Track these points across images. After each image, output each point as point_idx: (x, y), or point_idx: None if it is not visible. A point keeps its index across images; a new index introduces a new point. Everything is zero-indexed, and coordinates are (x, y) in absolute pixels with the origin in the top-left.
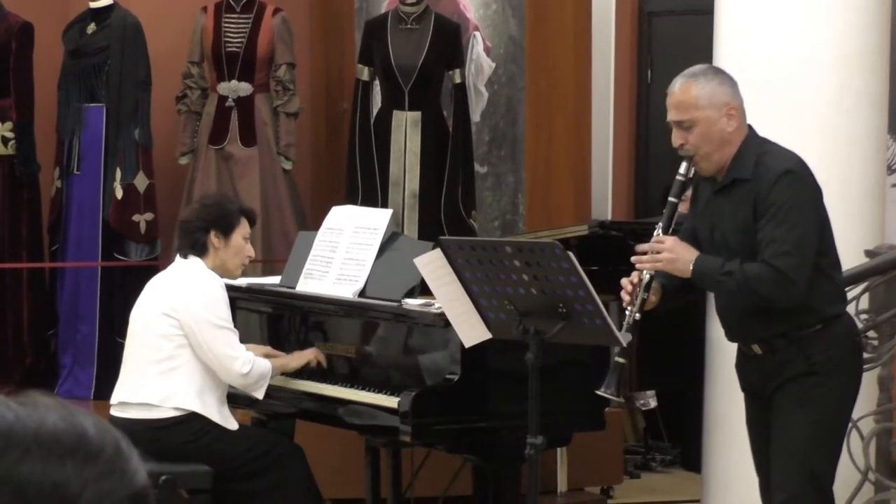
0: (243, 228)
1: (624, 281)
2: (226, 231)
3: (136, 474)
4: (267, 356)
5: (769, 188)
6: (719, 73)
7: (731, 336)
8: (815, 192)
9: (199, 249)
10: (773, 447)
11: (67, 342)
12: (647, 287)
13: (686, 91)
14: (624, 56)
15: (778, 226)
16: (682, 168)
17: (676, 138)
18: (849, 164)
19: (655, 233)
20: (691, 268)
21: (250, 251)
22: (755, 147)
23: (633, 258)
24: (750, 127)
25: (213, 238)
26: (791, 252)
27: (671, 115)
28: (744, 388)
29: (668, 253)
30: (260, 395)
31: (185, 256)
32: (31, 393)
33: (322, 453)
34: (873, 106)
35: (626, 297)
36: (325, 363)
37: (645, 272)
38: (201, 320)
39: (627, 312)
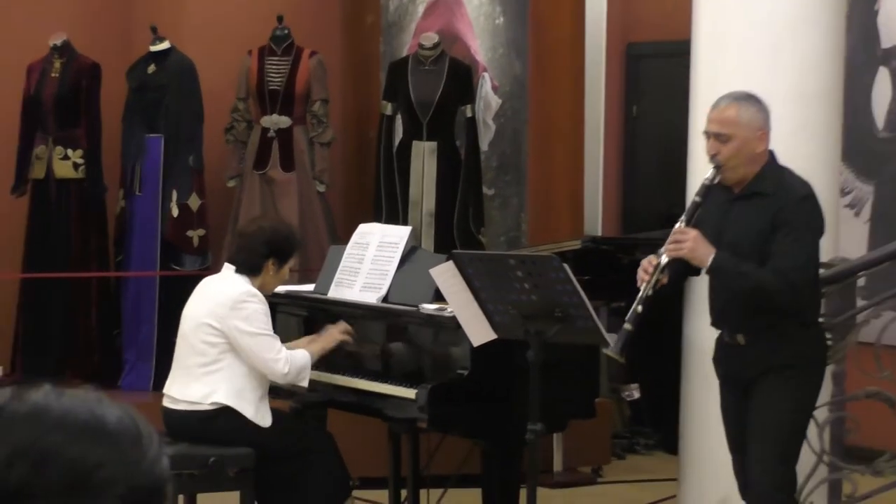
0: (293, 261)
1: (644, 262)
2: (283, 261)
3: (155, 465)
4: (305, 346)
5: (793, 208)
6: (760, 101)
7: (718, 323)
8: (822, 219)
9: (256, 271)
10: (753, 429)
11: (130, 341)
12: (663, 269)
13: (729, 109)
14: (613, 93)
15: (794, 242)
16: (709, 174)
17: (711, 148)
18: None
19: (678, 224)
20: (710, 261)
21: (287, 276)
22: (776, 169)
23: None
24: (771, 152)
25: (270, 265)
26: (802, 267)
27: (712, 127)
28: (722, 378)
29: (691, 243)
30: (305, 384)
31: (239, 272)
32: (83, 386)
33: (351, 438)
34: (828, 136)
35: (644, 275)
36: (353, 334)
37: (663, 257)
38: (242, 332)
39: (641, 288)
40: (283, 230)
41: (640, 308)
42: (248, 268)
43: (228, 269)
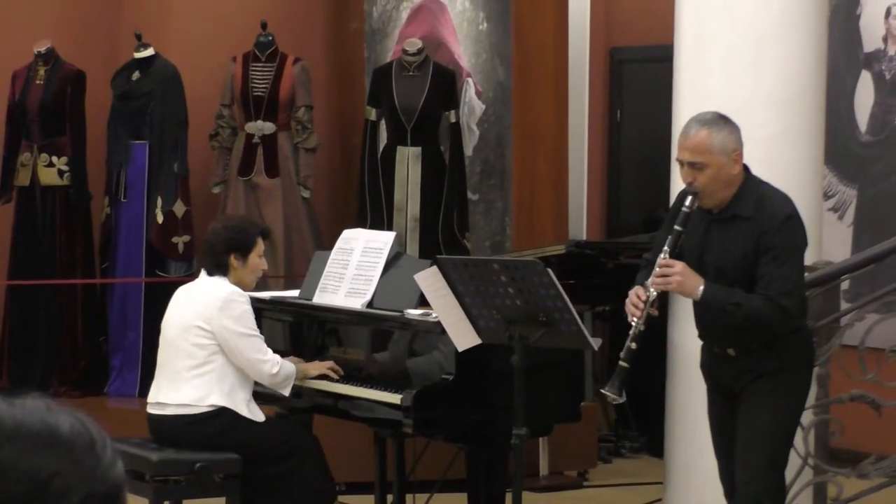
0: (259, 248)
1: (633, 298)
2: (244, 253)
3: (109, 472)
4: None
5: (775, 230)
6: (729, 121)
7: (709, 341)
8: (805, 234)
9: (223, 269)
10: (741, 434)
11: (116, 347)
12: (654, 303)
13: (700, 136)
14: (597, 97)
15: (781, 266)
16: (688, 202)
17: (687, 176)
18: (790, 191)
19: (662, 256)
20: (699, 294)
21: (264, 265)
22: (754, 187)
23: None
24: (746, 168)
25: (234, 260)
26: (792, 292)
27: (685, 156)
28: (710, 386)
29: (679, 276)
30: (286, 392)
31: (210, 274)
32: (28, 394)
33: (336, 443)
34: (811, 139)
35: (635, 311)
36: (340, 373)
37: (652, 290)
38: (233, 332)
39: (633, 324)
40: (237, 224)
41: (633, 345)
42: (215, 268)
43: (203, 274)
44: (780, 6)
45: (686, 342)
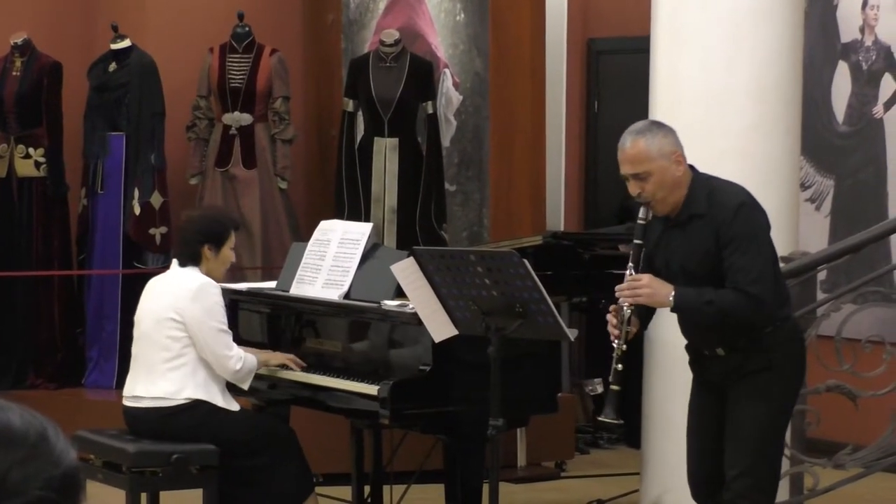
0: (231, 240)
1: (610, 318)
2: (218, 244)
3: (63, 457)
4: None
5: (729, 221)
6: (661, 125)
7: (696, 345)
8: (764, 216)
9: (195, 259)
10: (730, 430)
11: (93, 339)
12: (629, 321)
13: (637, 146)
14: (574, 89)
15: (743, 255)
16: (641, 213)
17: (633, 188)
18: (767, 182)
19: (628, 272)
20: (671, 300)
21: (233, 258)
22: (703, 185)
23: (617, 293)
24: (692, 167)
25: (207, 251)
26: (758, 279)
27: (626, 170)
28: (699, 381)
29: (647, 289)
30: (245, 386)
31: (182, 265)
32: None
33: (313, 434)
34: (788, 131)
35: (614, 331)
36: (302, 366)
37: (626, 308)
38: (203, 325)
39: (615, 345)
40: (212, 214)
41: (619, 366)
42: (188, 258)
43: (174, 265)
44: None
45: (662, 334)
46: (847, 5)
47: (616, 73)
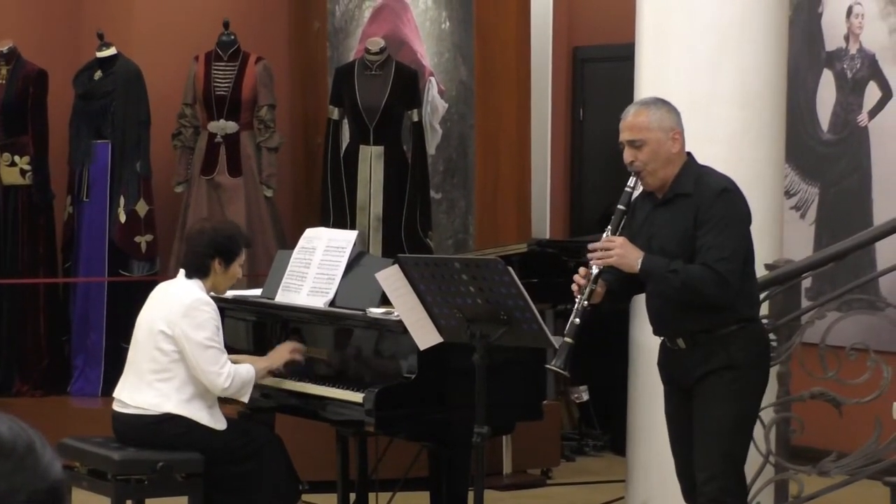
0: (241, 258)
1: (576, 276)
2: (228, 260)
3: (50, 470)
4: (252, 362)
5: (710, 203)
6: (667, 103)
7: (658, 330)
8: (746, 208)
9: (203, 272)
10: (697, 432)
11: (79, 347)
12: (595, 279)
13: (639, 115)
14: (560, 97)
15: (717, 235)
16: (631, 181)
17: (628, 156)
18: (752, 189)
19: (605, 234)
20: (639, 264)
21: (240, 274)
22: (695, 169)
23: (588, 255)
24: (689, 153)
25: (217, 265)
26: (728, 258)
27: (624, 136)
28: (666, 382)
29: (619, 250)
30: (245, 399)
31: (188, 276)
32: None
33: (299, 442)
34: (773, 138)
35: (576, 287)
36: (303, 352)
37: (594, 267)
38: (192, 341)
39: (577, 300)
40: (227, 229)
41: (577, 320)
42: (195, 270)
43: (181, 274)
44: (741, 5)
45: (648, 341)
46: (832, 13)
47: (601, 80)
